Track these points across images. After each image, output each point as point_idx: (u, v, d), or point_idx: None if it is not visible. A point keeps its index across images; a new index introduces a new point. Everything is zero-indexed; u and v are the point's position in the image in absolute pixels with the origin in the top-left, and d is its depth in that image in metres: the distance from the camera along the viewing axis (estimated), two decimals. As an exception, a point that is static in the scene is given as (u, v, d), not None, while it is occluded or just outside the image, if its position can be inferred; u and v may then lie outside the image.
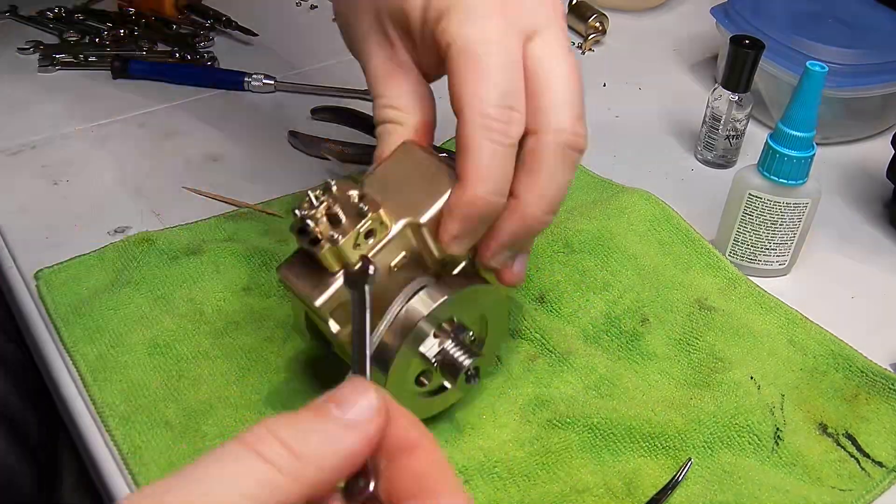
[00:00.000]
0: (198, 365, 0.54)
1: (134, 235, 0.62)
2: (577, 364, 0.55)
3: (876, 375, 0.56)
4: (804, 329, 0.59)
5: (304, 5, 0.96)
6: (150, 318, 0.56)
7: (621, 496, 0.49)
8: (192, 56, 0.84)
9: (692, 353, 0.57)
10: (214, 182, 0.70)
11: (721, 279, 0.62)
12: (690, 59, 0.92)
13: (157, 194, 0.68)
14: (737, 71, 0.70)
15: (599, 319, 0.59)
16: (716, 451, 0.51)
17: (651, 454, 0.51)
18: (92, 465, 0.50)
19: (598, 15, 0.92)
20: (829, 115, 0.76)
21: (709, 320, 0.58)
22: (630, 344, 0.57)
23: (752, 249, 0.63)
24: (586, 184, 0.71)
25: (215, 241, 0.62)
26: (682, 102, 0.84)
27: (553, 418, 0.52)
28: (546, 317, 0.58)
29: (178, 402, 0.51)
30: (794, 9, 0.81)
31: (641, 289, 0.61)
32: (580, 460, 0.50)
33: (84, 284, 0.58)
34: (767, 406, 0.53)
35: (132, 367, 0.53)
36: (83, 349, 0.54)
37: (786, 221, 0.61)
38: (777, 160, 0.59)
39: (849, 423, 0.54)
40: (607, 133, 0.80)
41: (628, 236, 0.65)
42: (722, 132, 0.74)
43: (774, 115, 0.79)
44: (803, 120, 0.58)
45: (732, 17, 0.80)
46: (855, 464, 0.52)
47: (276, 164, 0.72)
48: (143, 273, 0.59)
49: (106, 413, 0.50)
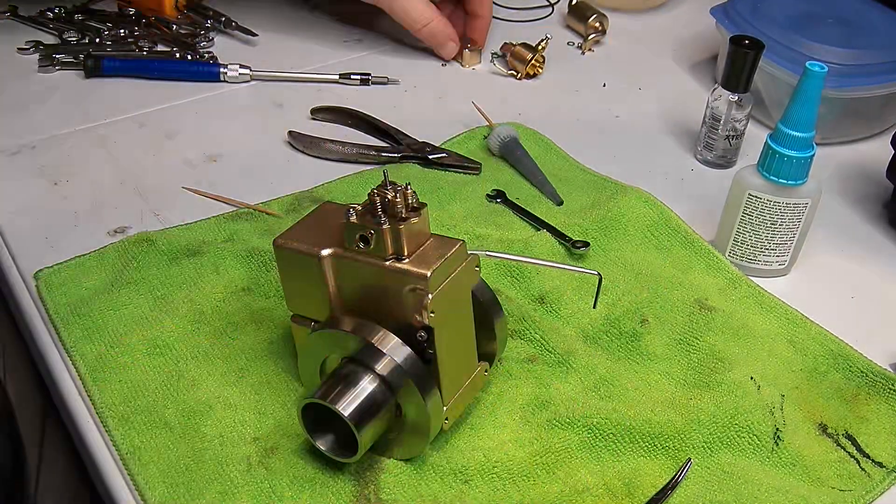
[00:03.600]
0: (197, 365, 0.54)
1: (134, 236, 0.62)
2: (576, 365, 0.55)
3: (876, 376, 0.56)
4: (804, 329, 0.59)
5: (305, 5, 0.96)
6: (150, 319, 0.56)
7: (621, 496, 0.49)
8: (193, 56, 0.84)
9: (692, 354, 0.57)
10: (214, 182, 0.70)
11: (721, 279, 0.62)
12: (690, 59, 0.92)
13: (157, 194, 0.68)
14: (736, 71, 0.70)
15: (599, 320, 0.59)
16: (715, 451, 0.51)
17: (651, 454, 0.51)
18: (91, 465, 0.50)
19: (598, 15, 0.92)
20: (829, 115, 0.76)
21: (708, 321, 0.58)
22: (630, 344, 0.57)
23: (751, 249, 0.63)
24: (585, 183, 0.71)
25: (215, 241, 0.62)
26: (681, 102, 0.84)
27: (553, 419, 0.52)
28: (546, 318, 0.58)
29: (177, 403, 0.51)
30: (794, 9, 0.81)
31: (641, 290, 0.61)
32: (580, 460, 0.50)
33: (84, 285, 0.58)
34: (767, 406, 0.53)
35: (132, 367, 0.53)
36: (83, 349, 0.54)
37: (786, 221, 0.61)
38: (777, 160, 0.59)
39: (849, 423, 0.54)
40: (607, 133, 0.80)
41: (627, 238, 0.65)
42: (722, 132, 0.74)
43: (774, 116, 0.79)
44: (803, 120, 0.58)
45: (732, 17, 0.80)
46: (855, 464, 0.52)
47: (276, 164, 0.72)
48: (143, 273, 0.59)
49: (105, 413, 0.51)
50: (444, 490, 0.48)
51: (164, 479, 0.47)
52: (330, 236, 0.47)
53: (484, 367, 0.51)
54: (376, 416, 0.46)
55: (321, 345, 0.49)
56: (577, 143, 0.76)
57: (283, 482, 0.47)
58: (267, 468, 0.48)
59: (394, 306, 0.46)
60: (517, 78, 0.86)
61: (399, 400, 0.47)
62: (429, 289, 0.44)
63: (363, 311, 0.47)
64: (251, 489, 0.47)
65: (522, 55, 0.86)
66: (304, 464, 0.48)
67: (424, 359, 0.46)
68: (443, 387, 0.47)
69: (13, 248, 0.62)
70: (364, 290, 0.47)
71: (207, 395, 0.52)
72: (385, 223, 0.44)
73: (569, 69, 0.89)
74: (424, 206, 0.45)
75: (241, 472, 0.48)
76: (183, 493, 0.47)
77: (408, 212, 0.45)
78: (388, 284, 0.45)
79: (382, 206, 0.45)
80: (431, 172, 0.72)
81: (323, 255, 0.47)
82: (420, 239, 0.46)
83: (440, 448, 0.50)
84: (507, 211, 0.68)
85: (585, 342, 0.58)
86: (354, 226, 0.45)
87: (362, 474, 0.48)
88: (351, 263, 0.46)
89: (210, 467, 0.48)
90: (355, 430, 0.45)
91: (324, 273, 0.47)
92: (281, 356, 0.55)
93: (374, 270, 0.45)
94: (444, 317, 0.46)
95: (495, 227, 0.65)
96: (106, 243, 0.62)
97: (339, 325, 0.47)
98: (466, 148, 0.75)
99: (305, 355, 0.50)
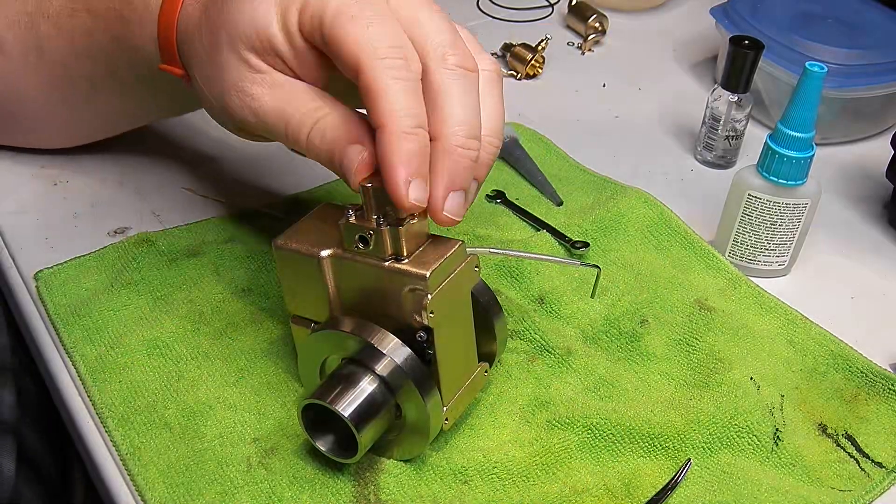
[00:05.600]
0: (197, 366, 0.54)
1: (133, 236, 0.62)
2: (576, 365, 0.55)
3: (876, 376, 0.56)
4: (804, 329, 0.59)
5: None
6: (150, 319, 0.56)
7: (620, 497, 0.49)
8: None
9: (692, 354, 0.57)
10: (214, 182, 0.70)
11: (721, 280, 0.62)
12: (690, 59, 0.92)
13: (156, 194, 0.68)
14: (736, 71, 0.70)
15: (599, 320, 0.59)
16: (715, 451, 0.51)
17: (650, 455, 0.51)
18: (91, 465, 0.50)
19: (598, 15, 0.92)
20: (829, 115, 0.76)
21: (708, 321, 0.58)
22: (630, 345, 0.57)
23: (751, 250, 0.63)
24: (585, 183, 0.71)
25: (215, 242, 0.62)
26: (681, 103, 0.84)
27: (552, 419, 0.52)
28: (546, 318, 0.59)
29: (177, 403, 0.51)
30: (794, 9, 0.81)
31: (641, 290, 0.61)
32: (579, 461, 0.50)
33: (84, 285, 0.58)
34: (767, 406, 0.53)
35: (132, 368, 0.53)
36: (83, 350, 0.54)
37: (785, 222, 0.61)
38: (776, 160, 0.59)
39: (848, 423, 0.54)
40: (607, 133, 0.80)
41: (627, 239, 0.65)
42: (721, 132, 0.74)
43: (774, 116, 0.79)
44: (803, 120, 0.58)
45: (732, 17, 0.80)
46: (854, 464, 0.52)
47: (276, 164, 0.72)
48: (143, 274, 0.59)
49: (105, 414, 0.51)
50: (444, 490, 0.48)
51: (164, 480, 0.47)
52: (330, 237, 0.47)
53: (484, 367, 0.51)
54: (376, 417, 0.46)
55: (321, 345, 0.49)
56: (577, 143, 0.76)
57: (283, 482, 0.47)
58: (267, 468, 0.48)
59: (393, 307, 0.46)
60: (517, 78, 0.86)
61: (399, 400, 0.47)
62: (428, 289, 0.44)
63: (363, 311, 0.47)
64: (251, 489, 0.47)
65: (522, 55, 0.86)
66: (304, 464, 0.48)
67: (424, 359, 0.46)
68: (443, 387, 0.47)
69: (13, 248, 0.62)
70: (364, 291, 0.47)
71: (207, 396, 0.52)
72: (384, 224, 0.44)
73: (569, 69, 0.89)
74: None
75: (241, 472, 0.48)
76: (183, 493, 0.47)
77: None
78: (387, 285, 0.45)
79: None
80: (431, 173, 0.72)
81: (322, 255, 0.47)
82: (419, 239, 0.46)
83: (440, 448, 0.50)
84: (506, 211, 0.68)
85: (585, 342, 0.58)
86: (353, 226, 0.45)
87: (362, 475, 0.48)
88: (350, 264, 0.46)
89: (210, 468, 0.48)
90: (355, 431, 0.45)
91: (323, 274, 0.47)
92: (281, 357, 0.55)
93: (373, 271, 0.45)
94: (444, 317, 0.46)
95: (495, 228, 0.65)
96: (106, 244, 0.62)
97: (338, 326, 0.47)
98: (466, 148, 0.75)
99: (305, 356, 0.50)
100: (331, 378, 0.47)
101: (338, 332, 0.47)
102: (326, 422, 0.47)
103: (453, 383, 0.48)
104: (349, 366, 0.47)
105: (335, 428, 0.47)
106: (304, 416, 0.47)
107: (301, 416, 0.46)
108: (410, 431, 0.48)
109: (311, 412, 0.46)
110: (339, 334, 0.47)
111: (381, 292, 0.46)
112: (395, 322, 0.46)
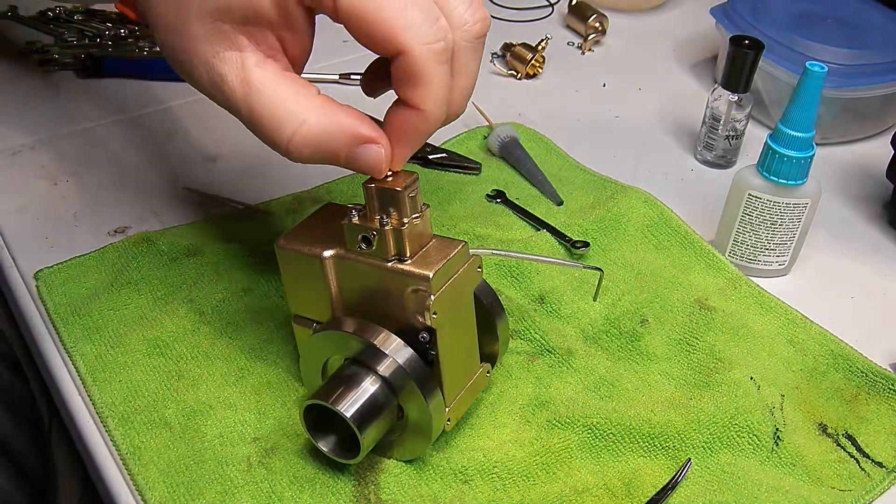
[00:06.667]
0: (197, 365, 0.54)
1: (133, 236, 0.62)
2: (576, 364, 0.55)
3: (876, 376, 0.56)
4: (804, 329, 0.59)
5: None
6: (150, 319, 0.56)
7: (621, 496, 0.49)
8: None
9: (692, 354, 0.57)
10: (214, 182, 0.70)
11: (721, 279, 0.62)
12: (690, 59, 0.92)
13: (156, 194, 0.68)
14: (736, 71, 0.70)
15: (599, 320, 0.59)
16: (715, 451, 0.51)
17: (651, 454, 0.51)
18: (91, 465, 0.50)
19: (598, 15, 0.92)
20: (829, 115, 0.76)
21: (708, 321, 0.59)
22: (630, 344, 0.57)
23: (751, 249, 0.63)
24: (585, 183, 0.71)
25: (215, 241, 0.62)
26: (681, 102, 0.84)
27: (553, 419, 0.52)
28: (546, 317, 0.59)
29: (177, 403, 0.51)
30: (794, 9, 0.81)
31: (641, 290, 0.61)
32: (580, 461, 0.50)
33: (84, 285, 0.58)
34: (767, 406, 0.53)
35: (132, 367, 0.53)
36: (83, 349, 0.54)
37: (785, 221, 0.61)
38: (777, 160, 0.59)
39: (849, 423, 0.54)
40: (607, 133, 0.80)
41: (627, 238, 0.65)
42: (722, 132, 0.74)
43: (774, 116, 0.79)
44: (803, 120, 0.58)
45: (732, 17, 0.80)
46: (855, 464, 0.52)
47: (275, 164, 0.72)
48: (143, 273, 0.59)
49: (105, 413, 0.51)
50: (444, 490, 0.48)
51: (164, 479, 0.47)
52: (332, 237, 0.47)
53: (486, 367, 0.51)
54: (378, 418, 0.46)
55: (323, 346, 0.49)
56: (577, 143, 0.76)
57: (283, 482, 0.47)
58: (267, 468, 0.48)
59: (396, 307, 0.46)
60: (517, 78, 0.86)
61: (401, 401, 0.47)
62: (431, 290, 0.44)
63: (365, 312, 0.47)
64: (251, 489, 0.47)
65: (522, 55, 0.86)
66: (304, 464, 0.48)
67: (427, 360, 0.46)
68: (445, 388, 0.47)
69: (13, 248, 0.62)
70: (366, 292, 0.47)
71: (207, 395, 0.52)
72: (387, 224, 0.44)
73: (569, 69, 0.89)
74: (426, 206, 0.45)
75: (241, 472, 0.48)
76: (183, 493, 0.47)
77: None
78: (390, 286, 0.45)
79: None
80: (431, 172, 0.72)
81: (325, 256, 0.47)
82: (422, 240, 0.45)
83: (440, 448, 0.50)
84: (507, 211, 0.68)
85: (585, 342, 0.58)
86: (356, 227, 0.45)
87: (362, 474, 0.48)
88: (353, 265, 0.46)
89: (210, 467, 0.48)
90: (357, 432, 0.45)
91: (326, 274, 0.47)
92: (281, 357, 0.55)
93: (376, 272, 0.45)
94: (447, 318, 0.46)
95: (495, 228, 0.65)
96: (106, 243, 0.62)
97: (341, 327, 0.47)
98: (466, 148, 0.75)
99: (307, 356, 0.50)
100: (333, 378, 0.47)
101: (340, 333, 0.47)
102: (328, 422, 0.47)
103: (455, 384, 0.48)
104: (351, 366, 0.47)
105: (337, 428, 0.47)
106: (306, 417, 0.47)
107: (303, 417, 0.46)
108: (412, 432, 0.48)
109: (313, 413, 0.46)
110: (342, 335, 0.47)
111: (383, 293, 0.46)
112: (398, 323, 0.46)
